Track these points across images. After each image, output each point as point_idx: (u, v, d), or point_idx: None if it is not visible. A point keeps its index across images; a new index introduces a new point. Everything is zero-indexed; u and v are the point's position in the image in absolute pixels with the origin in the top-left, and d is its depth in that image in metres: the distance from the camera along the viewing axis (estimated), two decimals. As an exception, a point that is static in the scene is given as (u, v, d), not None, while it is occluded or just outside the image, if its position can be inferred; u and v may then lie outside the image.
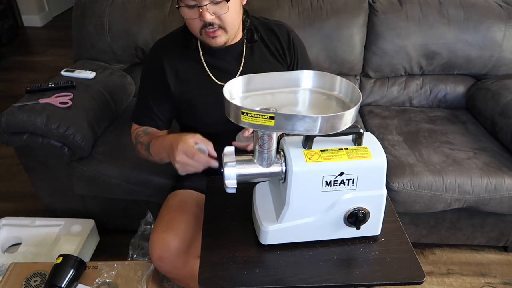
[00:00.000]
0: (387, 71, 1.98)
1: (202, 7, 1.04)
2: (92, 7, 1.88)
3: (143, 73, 1.30)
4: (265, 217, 0.91)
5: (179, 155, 0.96)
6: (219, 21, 1.09)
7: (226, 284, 0.85)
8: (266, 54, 1.26)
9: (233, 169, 0.85)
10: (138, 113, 1.30)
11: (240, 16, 1.16)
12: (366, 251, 0.93)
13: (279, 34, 1.26)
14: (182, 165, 0.97)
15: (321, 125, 0.74)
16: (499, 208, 1.58)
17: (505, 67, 1.93)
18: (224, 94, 0.79)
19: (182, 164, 0.97)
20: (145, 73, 1.29)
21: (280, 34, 1.26)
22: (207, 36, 1.11)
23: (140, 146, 1.22)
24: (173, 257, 1.17)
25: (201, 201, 1.23)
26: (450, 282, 1.71)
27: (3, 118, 1.50)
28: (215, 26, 1.09)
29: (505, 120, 1.71)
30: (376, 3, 1.90)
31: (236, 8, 1.11)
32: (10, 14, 3.98)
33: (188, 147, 0.96)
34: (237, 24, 1.15)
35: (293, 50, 1.27)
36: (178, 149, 0.96)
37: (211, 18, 1.06)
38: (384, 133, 1.79)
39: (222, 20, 1.08)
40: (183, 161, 0.97)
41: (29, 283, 1.33)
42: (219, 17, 1.08)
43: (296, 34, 1.30)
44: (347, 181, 0.84)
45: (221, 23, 1.09)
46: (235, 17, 1.13)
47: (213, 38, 1.11)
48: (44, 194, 1.76)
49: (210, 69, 1.22)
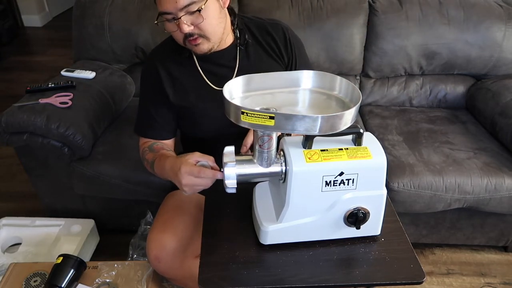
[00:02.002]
0: (387, 71, 1.98)
1: (179, 20, 1.04)
2: (92, 7, 1.88)
3: (142, 84, 1.27)
4: (265, 217, 0.91)
5: (184, 178, 0.93)
6: (198, 30, 1.07)
7: (226, 284, 0.85)
8: (262, 55, 1.24)
9: (233, 169, 0.85)
10: (141, 124, 1.26)
11: (222, 21, 1.12)
12: (366, 251, 0.93)
13: (274, 34, 1.24)
14: (190, 187, 0.94)
15: (321, 125, 0.74)
16: (499, 208, 1.58)
17: (505, 67, 1.93)
18: (224, 94, 0.79)
19: (190, 186, 0.94)
20: (143, 84, 1.27)
21: (275, 34, 1.24)
22: (191, 45, 1.11)
23: (146, 163, 1.20)
24: (169, 258, 1.17)
25: (199, 202, 1.23)
26: (450, 282, 1.71)
27: (3, 118, 1.50)
28: (195, 36, 1.08)
29: (505, 120, 1.71)
30: (376, 3, 1.90)
31: (214, 14, 1.08)
32: (10, 14, 3.99)
33: (191, 167, 0.93)
34: (219, 29, 1.12)
35: (290, 49, 1.25)
36: (182, 172, 0.93)
37: (189, 29, 1.05)
38: (384, 133, 1.79)
39: (201, 28, 1.07)
40: (190, 182, 0.93)
41: (29, 283, 1.33)
42: (197, 26, 1.06)
43: (292, 32, 1.28)
44: (347, 181, 0.84)
45: (200, 31, 1.08)
46: (215, 23, 1.10)
47: (196, 46, 1.10)
48: (44, 194, 1.76)
49: (206, 75, 1.21)
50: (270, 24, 1.26)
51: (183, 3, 1.02)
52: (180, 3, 1.02)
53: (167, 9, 1.04)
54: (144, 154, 1.21)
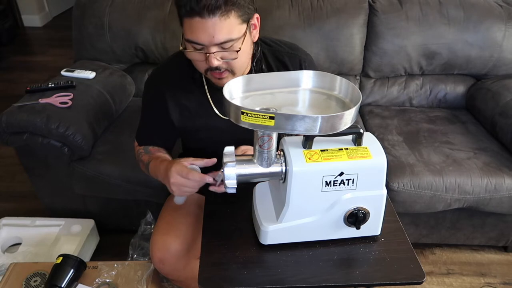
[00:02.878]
0: (387, 71, 1.98)
1: (209, 53, 0.95)
2: (92, 7, 1.88)
3: (145, 102, 1.22)
4: (265, 217, 0.91)
5: (173, 177, 0.95)
6: (227, 65, 1.00)
7: (226, 284, 0.86)
8: None
9: (233, 169, 0.85)
10: (141, 135, 1.25)
11: (249, 56, 1.06)
12: (366, 251, 0.93)
13: (289, 65, 1.15)
14: (178, 186, 0.96)
15: (321, 125, 0.74)
16: (499, 208, 1.58)
17: (505, 67, 1.93)
18: (224, 94, 0.79)
19: (178, 186, 0.96)
20: (146, 103, 1.21)
21: (291, 65, 1.15)
22: (213, 77, 1.04)
23: (142, 164, 1.20)
24: (174, 259, 1.17)
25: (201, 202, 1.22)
26: (450, 282, 1.71)
27: (3, 118, 1.50)
28: (222, 70, 1.01)
29: (505, 120, 1.71)
30: (376, 3, 1.90)
31: (247, 50, 1.02)
32: (10, 14, 3.99)
33: (182, 167, 0.95)
34: (246, 64, 1.06)
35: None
36: (172, 171, 0.96)
37: (218, 63, 0.98)
38: (384, 133, 1.79)
39: (230, 64, 1.00)
40: (178, 182, 0.95)
41: (29, 283, 1.33)
42: (227, 62, 0.99)
43: (310, 62, 1.18)
44: (347, 181, 0.84)
45: (229, 67, 1.01)
46: (245, 59, 1.04)
47: (219, 79, 1.04)
48: (44, 194, 1.76)
49: (215, 104, 1.15)
50: (289, 54, 1.17)
51: (220, 39, 0.93)
52: (216, 39, 0.93)
53: (200, 40, 0.94)
54: (139, 156, 1.21)
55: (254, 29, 1.04)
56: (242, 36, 0.97)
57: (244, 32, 0.97)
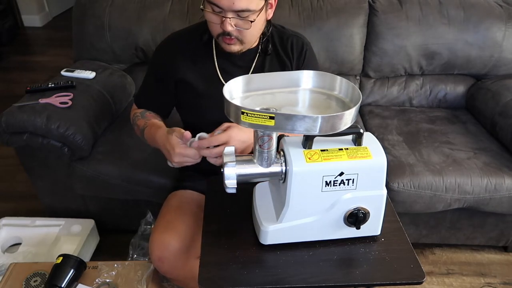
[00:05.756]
0: (387, 71, 1.98)
1: (226, 18, 1.04)
2: (92, 7, 1.88)
3: (153, 62, 1.30)
4: (265, 217, 0.91)
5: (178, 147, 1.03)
6: (238, 33, 1.08)
7: (226, 284, 0.85)
8: (275, 66, 1.25)
9: (233, 169, 0.85)
10: (140, 97, 1.33)
11: (260, 31, 1.15)
12: (366, 251, 0.93)
13: (294, 44, 1.25)
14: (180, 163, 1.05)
15: (321, 125, 0.74)
16: (499, 208, 1.58)
17: (505, 67, 1.93)
18: (224, 94, 0.79)
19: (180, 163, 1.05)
20: (154, 63, 1.29)
21: (295, 44, 1.25)
22: (223, 42, 1.12)
23: (136, 128, 1.26)
24: (172, 258, 1.17)
25: (201, 202, 1.23)
26: (450, 282, 1.71)
27: (3, 118, 1.50)
28: (232, 36, 1.09)
29: (505, 120, 1.71)
30: (376, 3, 1.90)
31: (259, 24, 1.11)
32: (10, 14, 3.98)
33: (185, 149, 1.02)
34: (255, 38, 1.16)
35: (302, 61, 1.26)
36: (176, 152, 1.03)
37: (231, 29, 1.06)
38: (384, 133, 1.79)
39: (242, 33, 1.08)
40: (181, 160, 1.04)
41: (29, 283, 1.33)
42: (239, 30, 1.07)
43: (311, 49, 1.29)
44: (347, 181, 0.84)
45: (240, 35, 1.09)
46: (255, 33, 1.12)
47: (228, 44, 1.11)
48: (44, 194, 1.76)
49: (221, 71, 1.22)
50: (293, 36, 1.27)
51: (239, 6, 1.02)
52: (236, 5, 1.01)
53: (220, 4, 1.02)
54: (135, 119, 1.27)
55: (270, 8, 1.13)
56: (259, 10, 1.05)
57: (262, 7, 1.06)
